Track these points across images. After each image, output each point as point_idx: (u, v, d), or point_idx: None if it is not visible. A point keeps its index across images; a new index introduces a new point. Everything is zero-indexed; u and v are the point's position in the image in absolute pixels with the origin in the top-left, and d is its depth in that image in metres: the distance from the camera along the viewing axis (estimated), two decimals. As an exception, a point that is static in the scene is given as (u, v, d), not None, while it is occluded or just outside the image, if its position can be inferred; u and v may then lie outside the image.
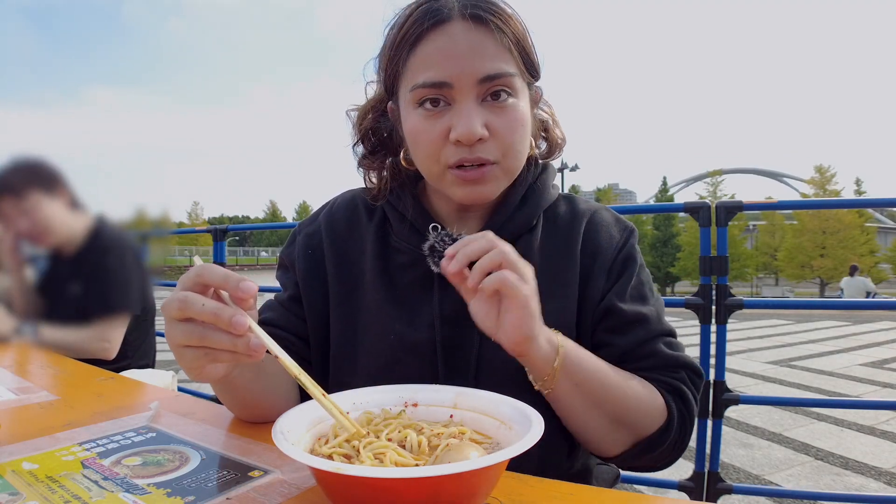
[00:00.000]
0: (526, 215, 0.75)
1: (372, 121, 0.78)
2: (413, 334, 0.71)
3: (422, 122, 0.67)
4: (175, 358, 0.52)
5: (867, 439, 3.16)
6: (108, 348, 1.67)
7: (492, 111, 0.66)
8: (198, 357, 0.50)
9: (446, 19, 0.64)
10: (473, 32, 0.64)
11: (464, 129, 0.64)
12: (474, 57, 0.63)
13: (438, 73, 0.64)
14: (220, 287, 0.49)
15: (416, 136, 0.68)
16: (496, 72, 0.64)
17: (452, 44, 0.64)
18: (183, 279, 0.50)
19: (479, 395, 0.58)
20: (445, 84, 0.64)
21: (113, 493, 0.50)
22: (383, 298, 0.74)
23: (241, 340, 0.48)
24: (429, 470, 0.39)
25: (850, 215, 23.93)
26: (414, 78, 0.66)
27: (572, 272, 0.73)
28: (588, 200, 0.82)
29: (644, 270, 0.77)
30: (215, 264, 0.50)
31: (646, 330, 0.71)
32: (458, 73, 0.63)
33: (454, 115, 0.65)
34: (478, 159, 0.66)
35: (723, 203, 1.94)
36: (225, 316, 0.47)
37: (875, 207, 16.70)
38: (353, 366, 0.74)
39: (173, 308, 0.48)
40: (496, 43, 0.64)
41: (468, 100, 0.64)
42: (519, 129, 0.67)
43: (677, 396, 0.69)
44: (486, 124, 0.65)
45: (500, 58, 0.65)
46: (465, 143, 0.65)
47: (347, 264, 0.78)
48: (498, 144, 0.66)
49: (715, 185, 32.31)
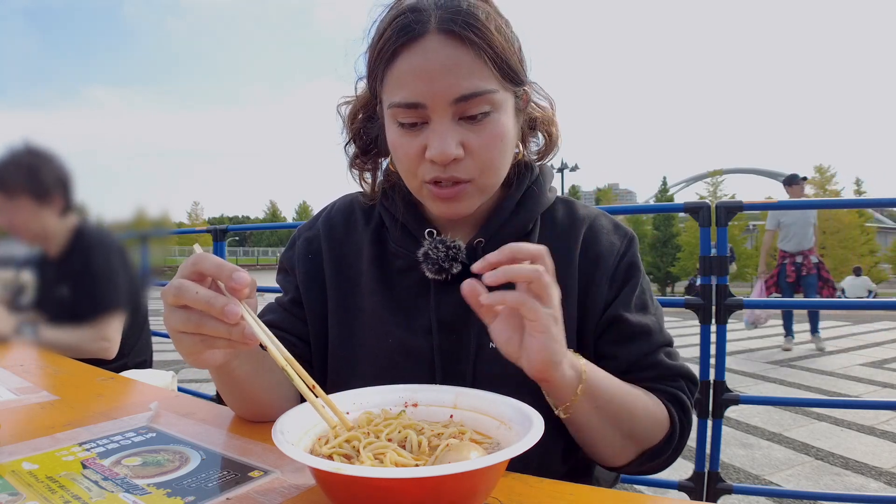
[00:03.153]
0: (522, 220, 0.74)
1: (362, 121, 0.78)
2: (410, 339, 0.71)
3: (399, 139, 0.66)
4: (173, 343, 0.52)
5: (867, 439, 3.16)
6: (107, 347, 1.68)
7: (469, 129, 0.64)
8: (195, 343, 0.50)
9: (420, 34, 0.62)
10: (449, 49, 0.62)
11: (437, 150, 0.63)
12: (449, 76, 0.61)
13: (412, 94, 0.63)
14: (214, 276, 0.50)
15: (394, 151, 0.68)
16: (471, 91, 0.62)
17: (426, 63, 0.62)
18: (181, 267, 0.51)
19: (479, 396, 0.58)
20: (419, 105, 0.63)
21: (113, 494, 0.50)
22: (381, 303, 0.74)
23: (235, 328, 0.48)
24: (429, 470, 0.39)
25: (850, 215, 23.94)
26: (390, 96, 0.65)
27: (571, 279, 0.73)
28: (587, 206, 0.82)
29: (645, 278, 0.77)
30: (210, 253, 0.51)
31: (649, 342, 0.72)
32: (431, 94, 0.62)
33: (430, 134, 0.64)
34: (452, 178, 0.65)
35: (723, 203, 1.94)
36: (217, 305, 0.47)
37: (875, 207, 16.68)
38: (351, 369, 0.74)
39: (170, 294, 0.49)
40: (473, 58, 0.62)
41: (443, 120, 0.63)
42: (497, 145, 0.66)
43: (678, 405, 0.71)
44: (462, 143, 0.64)
45: (477, 74, 0.62)
46: (440, 164, 0.64)
47: (345, 268, 0.78)
48: (474, 163, 0.65)
49: (715, 185, 32.27)
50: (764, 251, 5.74)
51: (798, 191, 5.39)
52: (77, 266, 1.68)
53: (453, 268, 0.71)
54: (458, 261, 0.71)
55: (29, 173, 1.63)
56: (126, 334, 1.74)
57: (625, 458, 0.70)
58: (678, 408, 0.71)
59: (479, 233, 0.74)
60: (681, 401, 0.71)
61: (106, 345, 1.67)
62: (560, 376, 0.58)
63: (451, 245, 0.71)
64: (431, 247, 0.71)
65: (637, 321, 0.72)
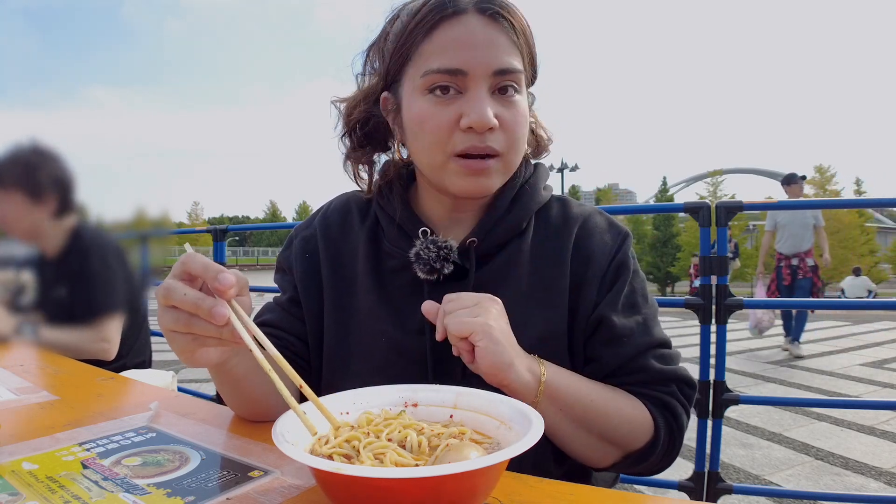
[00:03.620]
0: (516, 218, 0.74)
1: (362, 112, 0.77)
2: (404, 339, 0.71)
3: (430, 108, 0.66)
4: (167, 342, 0.53)
5: (867, 439, 3.16)
6: (107, 348, 1.68)
7: (501, 104, 0.66)
8: (187, 342, 0.51)
9: (462, 11, 0.65)
10: (489, 27, 0.65)
11: (477, 116, 0.64)
12: (490, 49, 0.65)
13: (454, 60, 0.64)
14: (200, 277, 0.50)
15: (422, 123, 0.67)
16: (509, 66, 0.65)
17: (469, 34, 0.64)
18: (173, 267, 0.51)
19: (479, 395, 0.58)
20: (460, 71, 0.64)
21: (113, 494, 0.50)
22: (375, 302, 0.74)
23: (225, 329, 0.49)
24: (429, 470, 0.39)
25: (850, 215, 23.92)
26: (427, 63, 0.66)
27: (563, 279, 0.72)
28: (582, 204, 0.81)
29: (638, 277, 0.75)
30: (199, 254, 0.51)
31: (635, 344, 0.70)
32: (473, 62, 0.64)
33: (466, 102, 0.65)
34: (487, 148, 0.66)
35: (723, 203, 1.94)
36: (205, 306, 0.48)
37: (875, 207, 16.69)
38: (345, 368, 0.74)
39: (160, 295, 0.49)
40: (508, 40, 0.66)
41: (481, 89, 0.65)
42: (523, 124, 0.68)
43: (666, 411, 0.70)
44: (496, 115, 0.65)
45: (512, 54, 0.66)
46: (478, 131, 0.65)
47: (341, 267, 0.78)
48: (506, 137, 0.67)
49: (715, 185, 32.25)
50: (763, 252, 5.68)
51: (796, 190, 5.29)
52: (76, 267, 1.68)
53: (445, 268, 0.71)
54: (450, 261, 0.71)
55: (26, 170, 1.63)
56: (125, 335, 1.74)
57: (606, 461, 0.70)
58: (666, 412, 0.70)
59: (472, 232, 0.74)
60: (669, 405, 0.70)
61: (105, 346, 1.68)
62: (515, 379, 0.60)
63: (443, 245, 0.71)
64: (423, 247, 0.71)
65: (622, 324, 0.70)
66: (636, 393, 0.70)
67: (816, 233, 5.33)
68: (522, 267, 0.73)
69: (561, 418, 0.65)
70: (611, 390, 0.69)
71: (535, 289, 0.72)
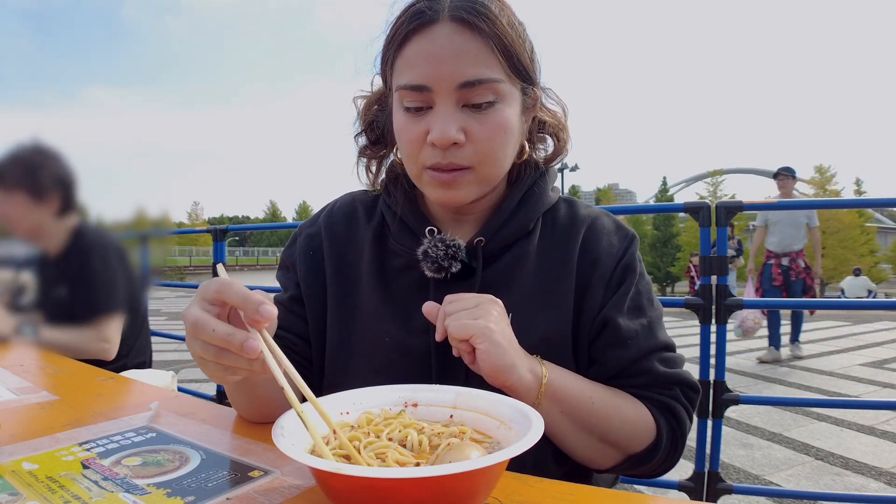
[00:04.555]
0: (523, 219, 0.74)
1: (375, 112, 0.79)
2: (407, 338, 0.71)
3: (405, 123, 0.67)
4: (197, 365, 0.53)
5: (867, 439, 3.16)
6: (107, 348, 1.68)
7: (472, 116, 0.65)
8: (218, 370, 0.51)
9: (432, 21, 0.64)
10: (458, 35, 0.63)
11: (438, 132, 0.64)
12: (455, 61, 0.63)
13: (418, 76, 0.64)
14: (239, 308, 0.48)
15: (399, 136, 0.69)
16: (476, 77, 0.63)
17: (433, 47, 0.63)
18: (202, 290, 0.49)
19: (479, 395, 0.58)
20: (424, 87, 0.64)
21: (113, 494, 0.50)
22: (379, 301, 0.74)
23: (255, 362, 0.48)
24: (429, 470, 0.39)
25: (850, 215, 23.91)
26: (398, 78, 0.67)
27: (569, 281, 0.72)
28: (590, 206, 0.81)
29: (643, 279, 0.75)
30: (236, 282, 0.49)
31: (639, 347, 0.70)
32: (436, 77, 0.63)
33: (432, 117, 0.65)
34: (450, 164, 0.66)
35: (723, 203, 1.94)
36: (236, 342, 0.46)
37: (875, 207, 16.68)
38: (347, 367, 0.74)
39: (188, 324, 0.48)
40: (480, 47, 0.63)
41: (446, 104, 0.64)
42: (500, 135, 0.66)
43: (668, 414, 0.70)
44: (463, 129, 0.65)
45: (484, 62, 0.64)
46: (440, 147, 0.65)
47: (345, 266, 0.78)
48: (475, 150, 0.66)
49: (715, 185, 32.26)
50: (754, 249, 5.43)
51: (785, 183, 5.04)
52: (76, 266, 1.69)
53: (452, 266, 0.70)
54: (458, 259, 0.71)
55: (27, 169, 1.65)
56: (125, 335, 1.74)
57: (607, 462, 0.70)
58: (668, 415, 0.70)
59: (479, 231, 0.74)
60: (672, 409, 0.70)
61: (106, 345, 1.68)
62: (517, 381, 0.60)
63: (451, 244, 0.71)
64: (431, 245, 0.71)
65: (627, 326, 0.70)
66: (639, 396, 0.70)
67: (810, 233, 5.06)
68: (528, 267, 0.73)
69: (562, 419, 0.65)
70: (613, 392, 0.69)
71: (540, 290, 0.72)
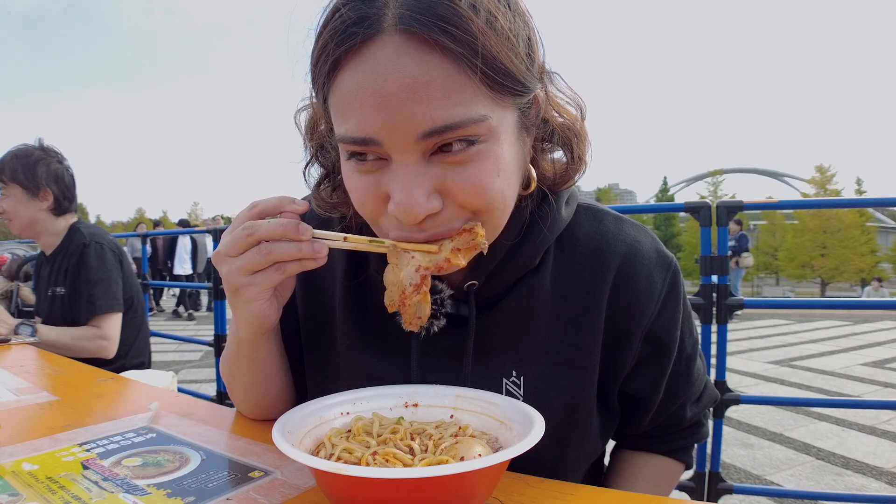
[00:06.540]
0: (524, 257, 0.58)
1: (325, 132, 0.59)
2: (387, 375, 0.62)
3: (353, 177, 0.50)
4: (232, 302, 0.56)
5: (868, 439, 3.16)
6: (106, 346, 1.69)
7: (448, 168, 0.47)
8: (268, 277, 0.52)
9: (369, 37, 0.44)
10: (412, 58, 0.43)
11: (401, 205, 0.46)
12: (412, 101, 0.43)
13: (359, 127, 0.46)
14: (276, 209, 0.54)
15: (350, 191, 0.52)
16: (444, 123, 0.44)
17: (376, 81, 0.43)
18: (238, 217, 0.54)
19: (479, 396, 0.57)
20: (371, 141, 0.46)
21: (113, 494, 0.50)
22: (355, 335, 0.64)
23: (305, 244, 0.51)
24: (429, 470, 0.39)
25: (851, 215, 23.88)
26: (336, 122, 0.49)
27: (595, 332, 0.59)
28: (622, 218, 0.64)
29: (688, 320, 0.65)
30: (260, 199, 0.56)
31: (679, 417, 0.72)
32: (386, 128, 0.45)
33: (391, 178, 0.47)
34: (430, 237, 0.50)
35: (723, 203, 1.94)
36: (292, 227, 0.51)
37: (875, 207, 16.69)
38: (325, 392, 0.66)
39: (239, 239, 0.52)
40: (449, 71, 0.43)
41: (406, 161, 0.46)
42: (492, 181, 0.48)
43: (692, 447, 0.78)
44: (438, 189, 0.47)
45: (455, 95, 0.44)
46: (406, 223, 0.48)
47: (318, 292, 0.68)
48: (459, 214, 0.49)
49: (715, 184, 32.26)
50: None
51: None
52: (75, 265, 1.70)
53: (434, 326, 0.60)
54: (440, 316, 0.59)
55: (27, 169, 1.70)
56: (123, 334, 1.75)
57: None
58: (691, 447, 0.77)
59: (470, 275, 0.59)
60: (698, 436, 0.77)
61: (104, 343, 1.69)
62: None
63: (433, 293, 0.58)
64: None
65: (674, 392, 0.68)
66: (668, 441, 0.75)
67: None
68: (540, 314, 0.59)
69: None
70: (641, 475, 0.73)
71: (558, 343, 0.59)
